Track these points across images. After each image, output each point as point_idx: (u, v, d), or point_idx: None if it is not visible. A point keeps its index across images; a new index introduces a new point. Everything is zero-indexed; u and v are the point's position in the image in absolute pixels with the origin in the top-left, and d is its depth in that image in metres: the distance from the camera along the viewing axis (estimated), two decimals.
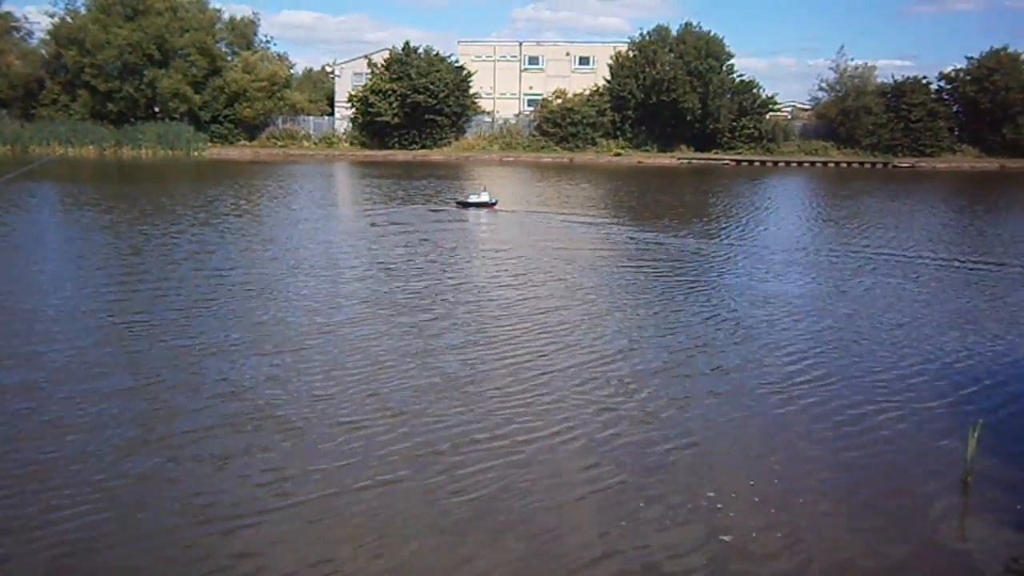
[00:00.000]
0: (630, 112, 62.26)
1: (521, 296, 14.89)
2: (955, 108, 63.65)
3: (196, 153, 57.74)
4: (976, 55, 62.55)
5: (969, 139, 63.19)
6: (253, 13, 73.43)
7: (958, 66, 63.38)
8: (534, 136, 63.90)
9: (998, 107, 60.50)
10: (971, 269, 18.58)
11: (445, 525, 6.69)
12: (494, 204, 28.12)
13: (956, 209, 33.67)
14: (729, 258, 19.63)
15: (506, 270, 17.58)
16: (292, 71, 70.36)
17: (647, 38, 63.28)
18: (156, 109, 61.47)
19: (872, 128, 61.31)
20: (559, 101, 63.11)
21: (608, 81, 63.20)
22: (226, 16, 65.43)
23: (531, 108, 66.26)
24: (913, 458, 8.13)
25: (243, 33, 65.57)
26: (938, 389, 10.08)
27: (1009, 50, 61.62)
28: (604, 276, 17.22)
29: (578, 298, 14.86)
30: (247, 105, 61.16)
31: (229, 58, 64.13)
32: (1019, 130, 60.42)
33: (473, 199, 28.54)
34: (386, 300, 14.45)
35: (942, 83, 63.57)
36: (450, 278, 16.60)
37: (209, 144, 59.74)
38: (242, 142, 62.58)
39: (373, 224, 24.89)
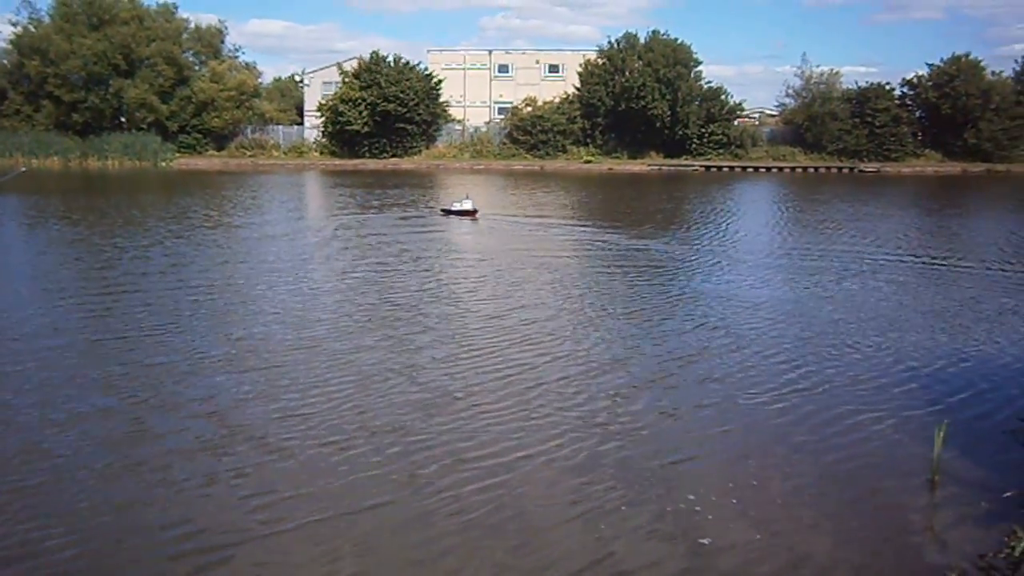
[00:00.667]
0: (600, 119, 62.54)
1: (506, 306, 14.75)
2: (918, 114, 64.69)
3: (164, 164, 56.96)
4: (938, 61, 63.75)
5: (932, 144, 64.23)
6: (220, 22, 72.41)
7: (920, 72, 64.55)
8: (505, 144, 63.90)
9: (959, 112, 61.58)
10: (949, 270, 18.82)
11: (436, 547, 6.53)
12: (476, 212, 27.96)
13: (927, 212, 34.17)
14: (712, 264, 19.65)
15: (490, 279, 17.42)
16: (261, 80, 69.74)
17: (616, 46, 63.60)
18: (123, 119, 60.53)
19: (838, 133, 62.10)
20: (529, 109, 63.25)
21: (578, 89, 63.43)
22: (193, 25, 64.73)
23: (501, 116, 66.21)
24: (886, 459, 8.29)
25: (210, 42, 64.79)
26: (913, 391, 10.22)
27: (969, 57, 62.84)
28: (588, 284, 17.14)
29: (564, 307, 14.76)
30: (215, 115, 60.46)
31: (196, 68, 63.38)
32: (980, 135, 61.52)
33: (456, 207, 28.35)
34: (369, 313, 14.23)
35: (905, 89, 64.55)
36: (433, 288, 16.40)
37: (177, 154, 58.97)
38: (210, 152, 61.88)
39: (351, 234, 24.60)
